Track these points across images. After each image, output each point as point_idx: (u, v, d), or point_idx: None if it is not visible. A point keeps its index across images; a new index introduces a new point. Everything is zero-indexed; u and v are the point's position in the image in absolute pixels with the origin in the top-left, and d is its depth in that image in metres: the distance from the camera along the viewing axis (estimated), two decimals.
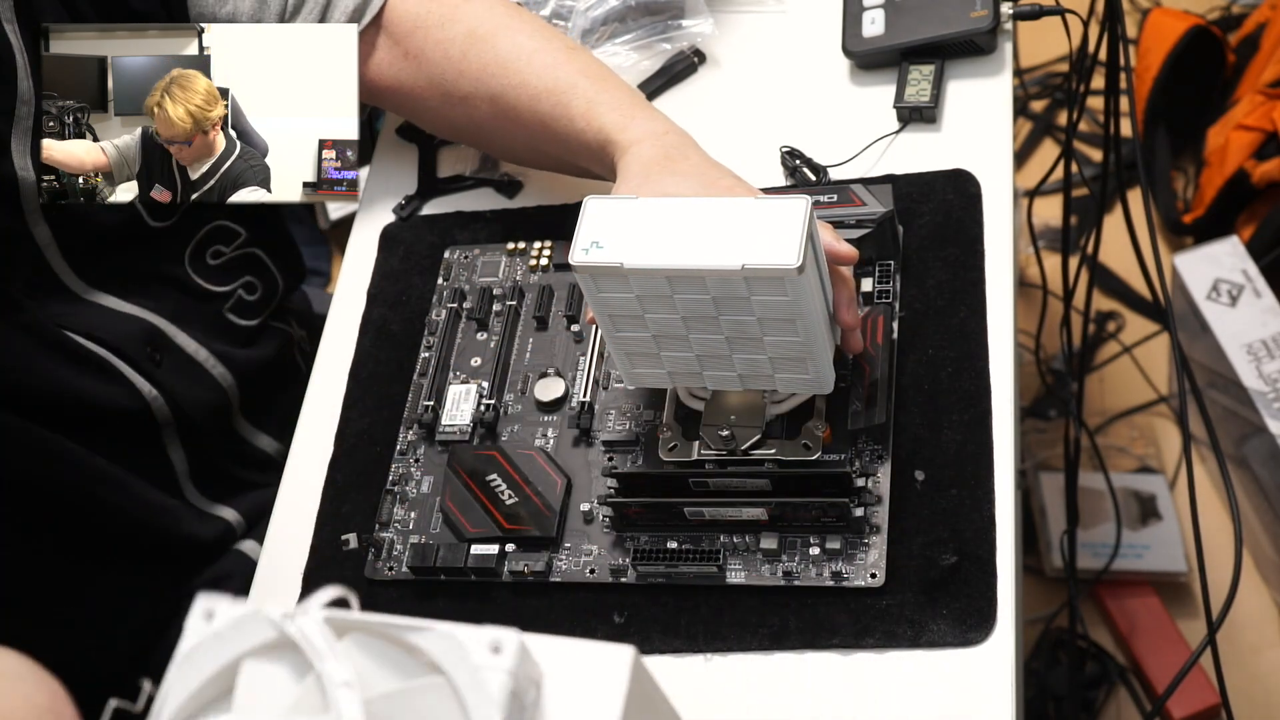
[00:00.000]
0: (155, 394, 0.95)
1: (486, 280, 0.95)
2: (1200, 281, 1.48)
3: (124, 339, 0.94)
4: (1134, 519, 1.58)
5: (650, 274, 0.71)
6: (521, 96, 0.89)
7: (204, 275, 1.02)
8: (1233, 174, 1.69)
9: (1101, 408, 1.73)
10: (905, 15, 0.98)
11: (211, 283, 1.03)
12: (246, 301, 1.06)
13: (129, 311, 0.95)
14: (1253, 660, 1.49)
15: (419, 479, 0.87)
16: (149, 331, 0.96)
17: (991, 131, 0.94)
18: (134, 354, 0.94)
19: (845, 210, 0.87)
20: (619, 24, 1.05)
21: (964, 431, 0.80)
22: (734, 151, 0.89)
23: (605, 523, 0.82)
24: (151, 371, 0.95)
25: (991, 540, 0.77)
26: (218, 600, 0.53)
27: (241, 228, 1.04)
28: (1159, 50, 1.80)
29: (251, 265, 1.06)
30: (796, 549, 0.79)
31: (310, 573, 0.87)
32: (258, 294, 1.07)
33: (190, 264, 1.01)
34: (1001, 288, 0.86)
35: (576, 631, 0.80)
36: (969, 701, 0.72)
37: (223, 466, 1.02)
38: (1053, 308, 1.51)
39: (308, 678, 0.51)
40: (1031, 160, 1.95)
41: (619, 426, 0.86)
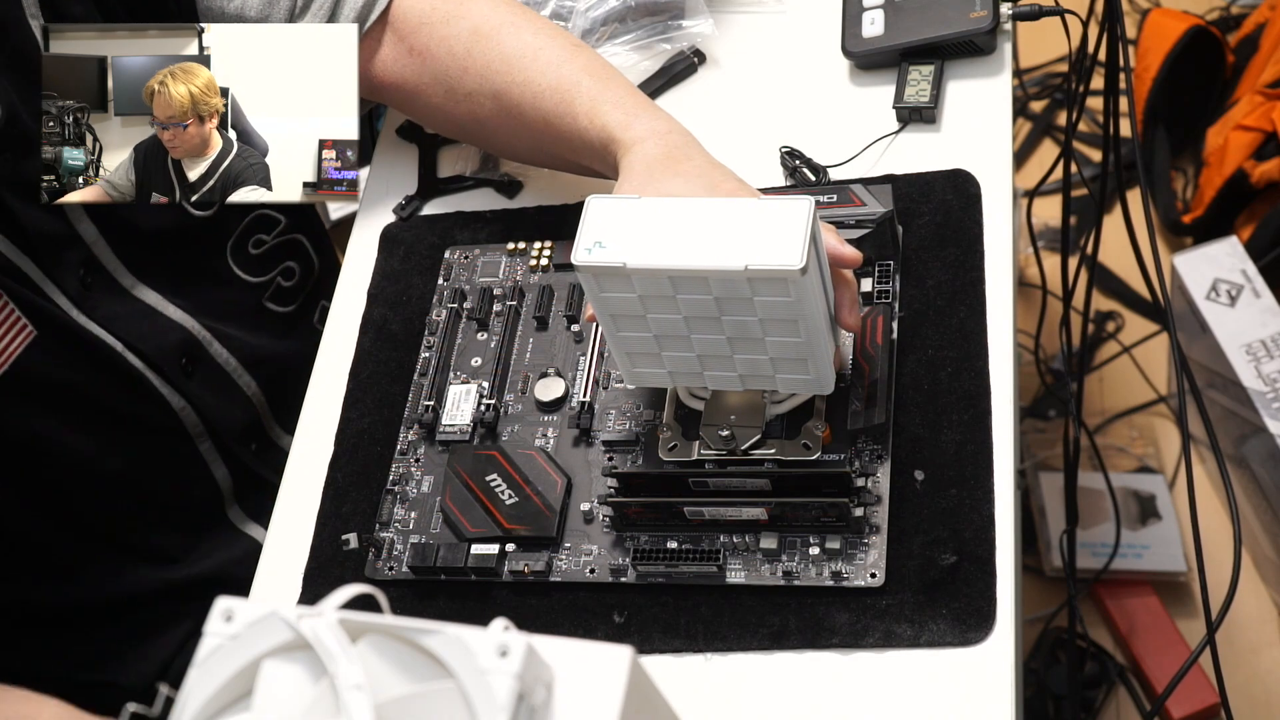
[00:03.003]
0: (184, 404, 0.96)
1: (487, 280, 0.96)
2: (1199, 281, 1.48)
3: (161, 351, 0.95)
4: (1133, 519, 1.58)
5: (653, 274, 0.71)
6: (525, 94, 0.89)
7: (245, 267, 1.03)
8: (1232, 174, 1.69)
9: (1101, 408, 1.73)
10: (905, 16, 0.98)
11: (252, 274, 1.04)
12: (284, 288, 1.08)
13: (171, 316, 0.96)
14: (1252, 660, 1.49)
15: (419, 479, 0.87)
16: (186, 343, 0.97)
17: (991, 132, 0.94)
18: (168, 368, 0.95)
19: (845, 210, 0.87)
20: (619, 24, 1.05)
21: (964, 431, 0.80)
22: (734, 151, 0.89)
23: (605, 522, 0.82)
24: (183, 384, 0.96)
25: (991, 540, 0.77)
26: (236, 602, 0.54)
27: (282, 215, 1.05)
28: (1158, 50, 1.80)
29: (292, 251, 1.07)
30: (796, 549, 0.79)
31: (310, 573, 0.87)
32: (295, 279, 1.08)
33: (232, 256, 1.02)
34: (1001, 288, 0.86)
35: (576, 631, 0.80)
36: (969, 701, 0.73)
37: (265, 476, 1.03)
38: (1052, 308, 1.51)
39: (324, 679, 0.51)
40: (1031, 160, 1.95)
41: (619, 426, 0.86)
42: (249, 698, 0.52)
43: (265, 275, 1.06)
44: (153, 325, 0.95)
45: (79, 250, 0.90)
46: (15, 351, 0.85)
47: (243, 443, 1.02)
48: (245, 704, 0.53)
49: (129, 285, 0.94)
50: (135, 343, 0.93)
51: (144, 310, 0.95)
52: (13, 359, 0.85)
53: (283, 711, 0.51)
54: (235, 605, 0.54)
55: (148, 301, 0.95)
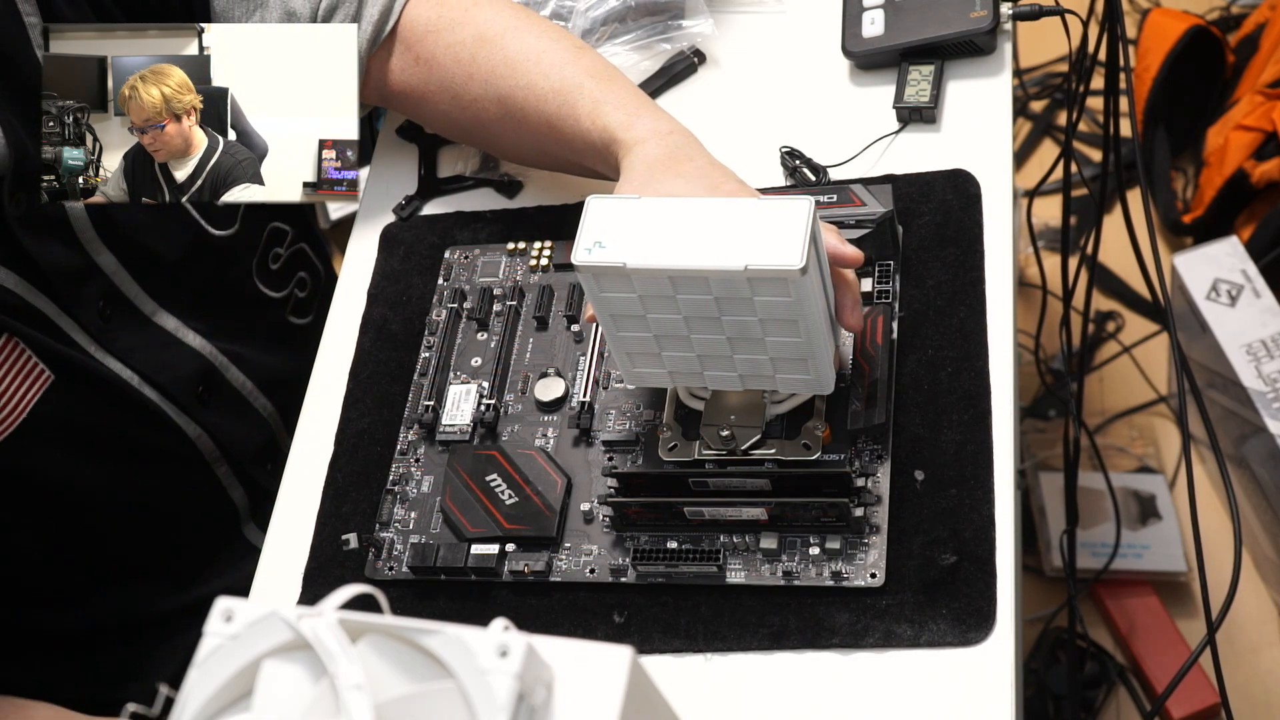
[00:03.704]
0: (200, 432, 0.97)
1: (487, 280, 0.96)
2: (1200, 281, 1.48)
3: (177, 382, 0.95)
4: (1133, 519, 1.58)
5: (653, 274, 0.71)
6: (529, 97, 0.89)
7: (268, 283, 1.04)
8: (1232, 174, 1.69)
9: (1101, 408, 1.73)
10: (905, 15, 0.98)
11: (274, 289, 1.05)
12: (301, 300, 1.08)
13: (189, 343, 0.97)
14: (1252, 660, 1.49)
15: (419, 479, 0.87)
16: (202, 371, 0.97)
17: (991, 132, 0.94)
18: (184, 397, 0.96)
19: (845, 210, 0.87)
20: (619, 24, 1.05)
21: (964, 431, 0.80)
22: (734, 151, 0.89)
23: (605, 522, 0.82)
24: (198, 412, 0.96)
25: (991, 540, 0.77)
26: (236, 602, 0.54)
27: (288, 225, 1.06)
28: (1158, 50, 1.80)
29: (302, 262, 1.07)
30: (796, 549, 0.79)
31: (310, 573, 0.87)
32: (308, 289, 1.09)
33: (258, 274, 1.03)
34: (1001, 288, 0.86)
35: (576, 631, 0.80)
36: (969, 701, 0.73)
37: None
38: (1052, 308, 1.51)
39: (324, 679, 0.51)
40: (1031, 160, 1.95)
41: (619, 426, 0.86)
42: (249, 698, 0.52)
43: (285, 289, 1.06)
44: (171, 355, 0.95)
45: (98, 282, 0.90)
46: (33, 400, 0.85)
47: (258, 463, 1.03)
48: (245, 704, 0.53)
49: (150, 313, 0.94)
50: (152, 375, 0.93)
51: (163, 339, 0.95)
52: (30, 406, 0.85)
53: (283, 711, 0.51)
54: (235, 605, 0.54)
55: (167, 328, 0.95)
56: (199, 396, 0.97)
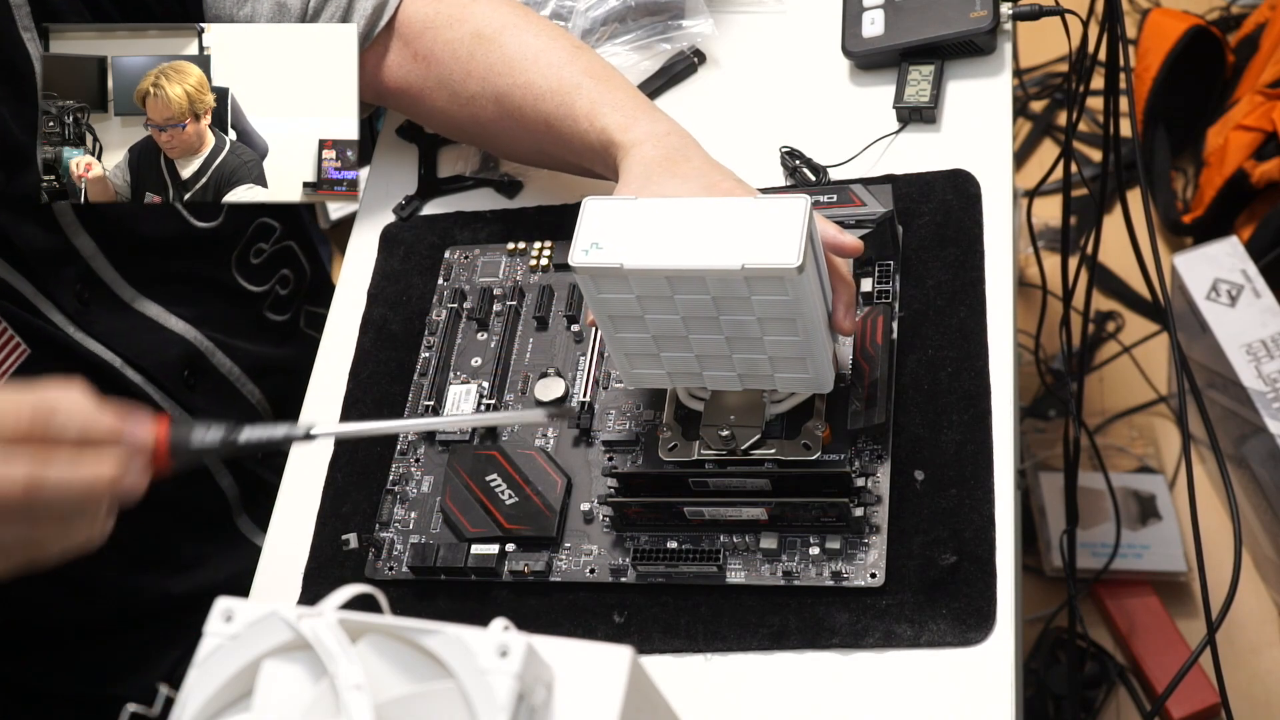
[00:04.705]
0: (186, 417, 0.96)
1: (486, 280, 0.96)
2: (1200, 281, 1.48)
3: (162, 365, 0.95)
4: (1133, 519, 1.58)
5: (650, 274, 0.71)
6: (526, 96, 0.89)
7: (247, 276, 1.03)
8: (1232, 174, 1.69)
9: (1101, 408, 1.73)
10: (905, 15, 0.98)
11: (253, 283, 1.04)
12: (281, 296, 1.08)
13: (172, 328, 0.96)
14: (1252, 660, 1.49)
15: (419, 479, 0.87)
16: (188, 355, 0.97)
17: (991, 132, 0.94)
18: (169, 381, 0.95)
19: (845, 210, 0.87)
20: (619, 24, 1.05)
21: (964, 431, 0.80)
22: (734, 151, 0.89)
23: (605, 523, 0.82)
24: (184, 396, 0.96)
25: (991, 540, 0.77)
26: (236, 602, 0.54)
27: (278, 222, 1.05)
28: (1158, 50, 1.80)
29: (286, 259, 1.07)
30: (796, 549, 0.79)
31: (310, 573, 0.87)
32: (290, 287, 1.08)
33: (236, 267, 1.02)
34: (1001, 288, 0.86)
35: (576, 631, 0.80)
36: (969, 701, 0.73)
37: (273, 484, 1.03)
38: (1052, 308, 1.51)
39: (324, 679, 0.51)
40: (1031, 160, 1.95)
41: (619, 426, 0.86)
42: (249, 698, 0.52)
43: (265, 285, 1.06)
44: (154, 339, 0.95)
45: (76, 265, 0.90)
46: (7, 372, 0.84)
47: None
48: (245, 704, 0.53)
49: (129, 299, 0.94)
50: (135, 358, 0.93)
51: (145, 324, 0.94)
52: (4, 379, 0.84)
53: (283, 711, 0.51)
54: (235, 605, 0.54)
55: (149, 314, 0.95)
56: (185, 381, 0.96)
